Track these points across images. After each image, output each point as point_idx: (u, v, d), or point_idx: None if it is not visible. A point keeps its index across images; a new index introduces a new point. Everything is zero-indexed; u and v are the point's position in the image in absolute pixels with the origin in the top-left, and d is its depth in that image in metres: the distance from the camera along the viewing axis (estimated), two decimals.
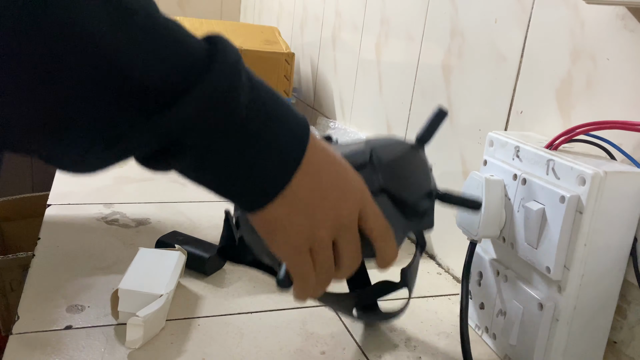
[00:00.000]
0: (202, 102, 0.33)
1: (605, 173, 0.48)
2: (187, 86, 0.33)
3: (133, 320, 0.53)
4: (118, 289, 0.57)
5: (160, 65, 0.32)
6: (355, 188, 0.42)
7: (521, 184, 0.55)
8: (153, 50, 0.31)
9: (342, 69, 1.24)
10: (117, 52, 0.30)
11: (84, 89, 0.30)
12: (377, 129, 1.05)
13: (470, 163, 0.76)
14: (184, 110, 0.32)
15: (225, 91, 0.34)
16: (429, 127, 0.54)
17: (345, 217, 0.41)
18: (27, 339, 0.54)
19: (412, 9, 0.92)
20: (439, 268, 0.82)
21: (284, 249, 0.41)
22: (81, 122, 0.31)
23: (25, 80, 0.28)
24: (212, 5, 2.40)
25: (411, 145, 0.52)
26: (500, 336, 0.60)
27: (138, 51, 0.31)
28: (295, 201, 0.39)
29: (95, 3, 0.29)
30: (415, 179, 0.51)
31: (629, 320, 0.53)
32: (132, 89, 0.31)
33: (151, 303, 0.56)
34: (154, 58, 0.31)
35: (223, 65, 0.34)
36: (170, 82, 0.32)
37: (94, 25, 0.29)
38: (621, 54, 0.53)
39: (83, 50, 0.28)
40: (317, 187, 0.39)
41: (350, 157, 0.46)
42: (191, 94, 0.33)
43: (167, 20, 0.33)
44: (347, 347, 0.60)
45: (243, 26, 1.36)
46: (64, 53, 0.28)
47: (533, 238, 0.53)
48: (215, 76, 0.33)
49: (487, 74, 0.72)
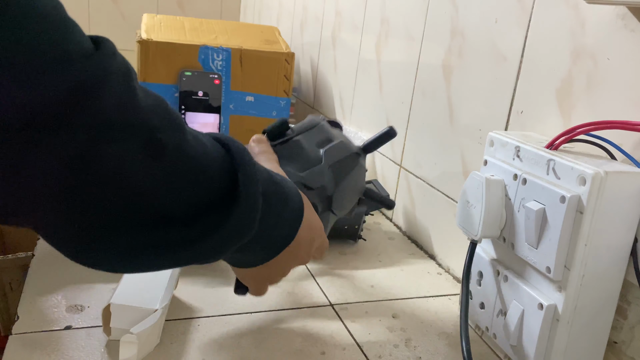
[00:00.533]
0: (227, 234, 0.37)
1: (606, 173, 0.48)
2: (209, 221, 0.36)
3: (126, 337, 0.51)
4: (110, 304, 0.54)
5: (187, 199, 0.34)
6: (316, 242, 0.52)
7: (521, 184, 0.55)
8: (179, 186, 0.34)
9: (342, 68, 1.24)
10: (148, 187, 0.32)
11: (112, 217, 0.32)
12: (377, 129, 1.05)
13: (471, 163, 0.76)
14: (206, 245, 0.36)
15: (247, 221, 0.38)
16: (376, 141, 0.63)
17: (304, 261, 0.53)
18: (27, 339, 0.54)
19: (412, 9, 0.92)
20: (439, 268, 0.82)
21: (252, 285, 0.52)
22: (106, 245, 0.33)
23: (63, 205, 0.30)
24: (212, 5, 2.40)
25: (356, 151, 0.61)
26: (500, 336, 0.59)
27: (165, 187, 0.33)
28: (274, 264, 0.48)
29: (131, 140, 0.30)
30: (355, 190, 0.61)
31: (630, 320, 0.52)
32: (157, 218, 0.33)
33: (145, 319, 0.53)
34: (181, 193, 0.34)
35: (246, 200, 0.37)
36: (195, 214, 0.35)
37: (129, 162, 0.30)
38: (621, 54, 0.53)
39: (117, 185, 0.31)
40: (293, 253, 0.49)
41: (310, 177, 0.56)
42: (218, 230, 0.36)
43: (194, 147, 0.35)
44: (347, 347, 0.60)
45: (243, 26, 1.36)
46: (98, 185, 0.30)
47: (533, 238, 0.53)
48: (237, 212, 0.37)
49: (487, 74, 0.72)
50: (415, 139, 0.91)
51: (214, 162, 0.37)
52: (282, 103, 1.26)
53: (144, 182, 0.32)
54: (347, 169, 0.59)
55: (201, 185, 0.35)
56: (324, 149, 0.58)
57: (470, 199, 0.60)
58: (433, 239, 0.85)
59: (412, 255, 0.85)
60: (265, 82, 1.24)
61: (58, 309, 0.59)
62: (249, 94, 1.24)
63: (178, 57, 1.17)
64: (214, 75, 1.19)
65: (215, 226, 0.36)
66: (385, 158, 1.01)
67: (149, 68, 1.16)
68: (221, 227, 0.36)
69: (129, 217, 0.32)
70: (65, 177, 0.29)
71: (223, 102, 1.21)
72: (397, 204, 0.96)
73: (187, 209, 0.35)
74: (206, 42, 1.21)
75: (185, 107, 1.19)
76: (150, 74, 1.17)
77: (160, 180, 0.32)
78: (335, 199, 0.58)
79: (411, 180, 0.91)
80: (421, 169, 0.89)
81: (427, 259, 0.85)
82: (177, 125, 0.34)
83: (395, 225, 0.97)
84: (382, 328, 0.64)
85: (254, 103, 1.24)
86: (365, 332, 0.63)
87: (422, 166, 0.88)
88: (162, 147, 0.32)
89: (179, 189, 0.34)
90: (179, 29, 1.25)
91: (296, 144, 0.57)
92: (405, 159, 0.94)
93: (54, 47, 0.27)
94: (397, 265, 0.80)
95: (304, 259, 0.52)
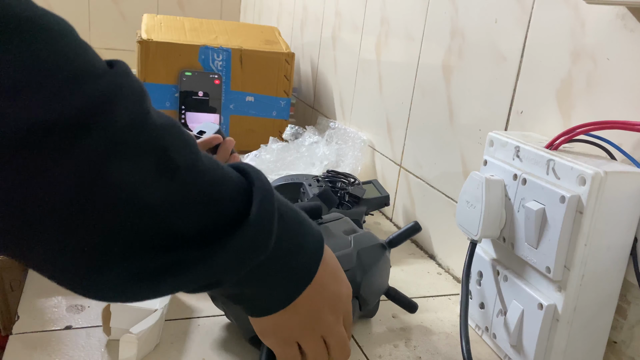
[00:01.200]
0: (241, 244, 0.35)
1: (606, 173, 0.48)
2: (223, 240, 0.34)
3: (126, 337, 0.51)
4: (110, 304, 0.54)
5: (202, 219, 0.33)
6: (343, 297, 0.47)
7: (521, 184, 0.55)
8: (192, 206, 0.33)
9: (342, 69, 1.24)
10: (161, 207, 0.31)
11: (122, 238, 0.30)
12: (377, 129, 1.05)
13: (471, 163, 0.76)
14: (220, 259, 0.34)
15: (261, 240, 0.36)
16: (402, 236, 0.65)
17: (333, 323, 0.45)
18: (27, 339, 0.54)
19: (412, 9, 0.92)
20: (439, 268, 0.82)
21: (274, 342, 0.45)
22: (116, 269, 0.31)
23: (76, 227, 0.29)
24: (212, 5, 2.40)
25: (382, 243, 0.63)
26: (500, 336, 0.60)
27: (179, 207, 0.32)
28: (296, 310, 0.42)
29: (143, 158, 0.30)
30: (381, 283, 0.62)
31: (629, 320, 0.52)
32: (170, 239, 0.32)
33: (145, 318, 0.53)
34: (196, 212, 0.33)
35: (260, 208, 0.36)
36: (210, 233, 0.34)
37: (140, 181, 0.30)
38: (621, 54, 0.53)
39: (128, 204, 0.30)
40: (318, 299, 0.43)
41: (340, 259, 0.54)
42: (230, 246, 0.34)
43: (207, 168, 0.34)
44: None
45: (243, 26, 1.36)
46: (111, 206, 0.29)
47: (533, 238, 0.53)
48: (251, 231, 0.35)
49: (487, 74, 0.72)
50: (415, 139, 0.91)
51: (230, 181, 0.36)
52: (282, 103, 1.26)
53: (156, 202, 0.31)
54: (374, 259, 0.60)
55: (216, 204, 0.34)
56: (352, 235, 0.61)
57: (470, 199, 0.60)
58: (433, 239, 0.85)
59: (412, 255, 0.85)
60: (265, 82, 1.24)
61: (58, 309, 0.59)
62: (249, 94, 1.24)
63: (178, 57, 1.18)
64: (214, 75, 1.19)
65: (229, 235, 0.34)
66: (385, 158, 1.01)
67: (149, 68, 1.17)
68: (236, 236, 0.35)
69: (140, 238, 0.31)
70: (75, 194, 0.28)
71: (223, 102, 1.21)
72: (397, 203, 0.96)
73: (202, 229, 0.34)
74: (206, 42, 1.21)
75: (185, 107, 1.19)
76: (151, 74, 1.17)
77: (174, 200, 0.32)
78: (363, 287, 0.58)
79: (411, 180, 0.92)
80: (421, 169, 0.89)
81: (427, 258, 0.85)
82: (190, 146, 0.33)
83: (395, 225, 0.97)
84: (382, 328, 0.64)
85: (254, 103, 1.24)
86: (365, 332, 0.63)
87: (422, 166, 0.88)
88: (176, 167, 0.32)
89: (193, 208, 0.33)
90: (179, 29, 1.25)
91: (325, 229, 0.60)
92: (405, 159, 0.94)
93: (68, 66, 0.27)
94: (397, 265, 0.80)
95: (330, 314, 0.45)
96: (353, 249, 0.59)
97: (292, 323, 0.43)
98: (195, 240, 0.33)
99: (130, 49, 1.17)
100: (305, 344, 0.45)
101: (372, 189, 0.90)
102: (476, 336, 0.64)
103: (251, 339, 0.56)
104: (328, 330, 0.45)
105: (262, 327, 0.44)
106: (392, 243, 0.65)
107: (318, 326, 0.44)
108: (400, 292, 0.65)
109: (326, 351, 0.46)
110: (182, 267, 0.33)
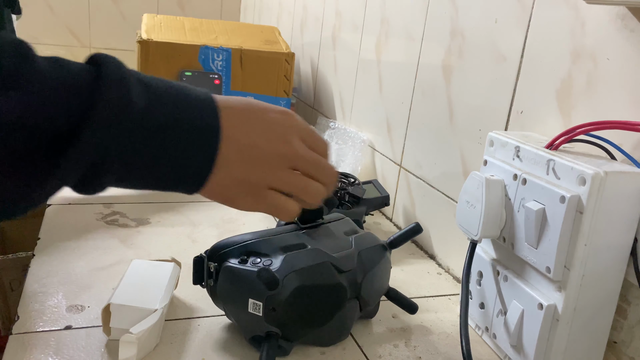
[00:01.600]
0: (99, 131, 0.35)
1: (606, 173, 0.48)
2: (81, 122, 0.34)
3: (126, 337, 0.51)
4: (110, 304, 0.54)
5: (48, 110, 0.33)
6: (278, 120, 0.44)
7: (521, 184, 0.55)
8: (36, 98, 0.33)
9: (342, 69, 1.24)
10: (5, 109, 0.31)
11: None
12: (377, 129, 1.05)
13: (471, 163, 0.76)
14: (85, 144, 0.34)
15: (118, 110, 0.35)
16: (402, 237, 0.65)
17: (289, 151, 0.44)
18: (27, 339, 0.54)
19: (412, 9, 0.92)
20: (439, 268, 0.82)
21: (246, 203, 0.44)
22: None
23: None
24: (212, 5, 2.40)
25: (383, 244, 0.63)
26: (500, 336, 0.60)
27: (22, 102, 0.32)
28: (228, 163, 0.41)
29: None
30: (382, 284, 0.62)
31: (629, 320, 0.52)
32: (28, 138, 0.33)
33: (145, 318, 0.53)
34: (39, 104, 0.33)
35: (110, 87, 0.35)
36: (64, 123, 0.34)
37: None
38: (621, 54, 0.53)
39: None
40: (245, 144, 0.42)
41: (342, 259, 0.56)
42: (90, 126, 0.34)
43: (43, 60, 0.34)
44: (347, 347, 0.60)
45: (243, 26, 1.36)
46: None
47: (533, 238, 0.53)
48: (103, 96, 0.35)
49: (487, 74, 0.72)
50: (415, 139, 0.91)
51: (72, 68, 0.35)
52: (282, 103, 1.26)
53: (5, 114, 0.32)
54: (375, 260, 0.60)
55: (61, 96, 0.34)
56: (353, 236, 0.61)
57: (470, 199, 0.60)
58: (433, 239, 0.85)
59: (412, 255, 0.85)
60: (265, 82, 1.24)
61: (58, 309, 0.59)
62: (249, 94, 1.24)
63: (178, 57, 1.17)
64: (214, 75, 1.19)
65: (83, 112, 0.34)
66: (385, 158, 1.01)
67: (149, 68, 1.16)
68: (91, 111, 0.34)
69: (9, 151, 0.32)
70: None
71: None
72: (397, 203, 0.96)
73: (63, 122, 0.34)
74: (206, 42, 1.21)
75: None
76: (150, 73, 1.17)
77: (22, 106, 0.32)
78: (364, 287, 0.59)
79: (411, 180, 0.92)
80: (421, 169, 0.89)
81: (427, 259, 0.85)
82: (19, 44, 0.33)
83: (395, 225, 0.97)
84: (382, 328, 0.64)
85: None
86: (365, 332, 0.63)
87: (422, 166, 0.88)
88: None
89: (43, 108, 0.33)
90: (179, 29, 1.25)
91: (326, 229, 0.60)
92: (405, 159, 0.94)
93: None
94: (397, 265, 0.80)
95: (276, 144, 0.43)
96: (354, 249, 0.59)
97: (238, 173, 0.42)
98: (59, 130, 0.34)
99: (130, 49, 1.17)
100: (274, 183, 0.44)
101: (372, 189, 0.90)
102: (476, 336, 0.64)
103: (251, 339, 0.56)
104: (289, 159, 0.44)
105: (220, 198, 0.43)
106: (393, 244, 0.65)
107: (272, 161, 0.43)
108: (401, 293, 0.65)
109: (304, 178, 0.45)
110: (60, 158, 0.34)
